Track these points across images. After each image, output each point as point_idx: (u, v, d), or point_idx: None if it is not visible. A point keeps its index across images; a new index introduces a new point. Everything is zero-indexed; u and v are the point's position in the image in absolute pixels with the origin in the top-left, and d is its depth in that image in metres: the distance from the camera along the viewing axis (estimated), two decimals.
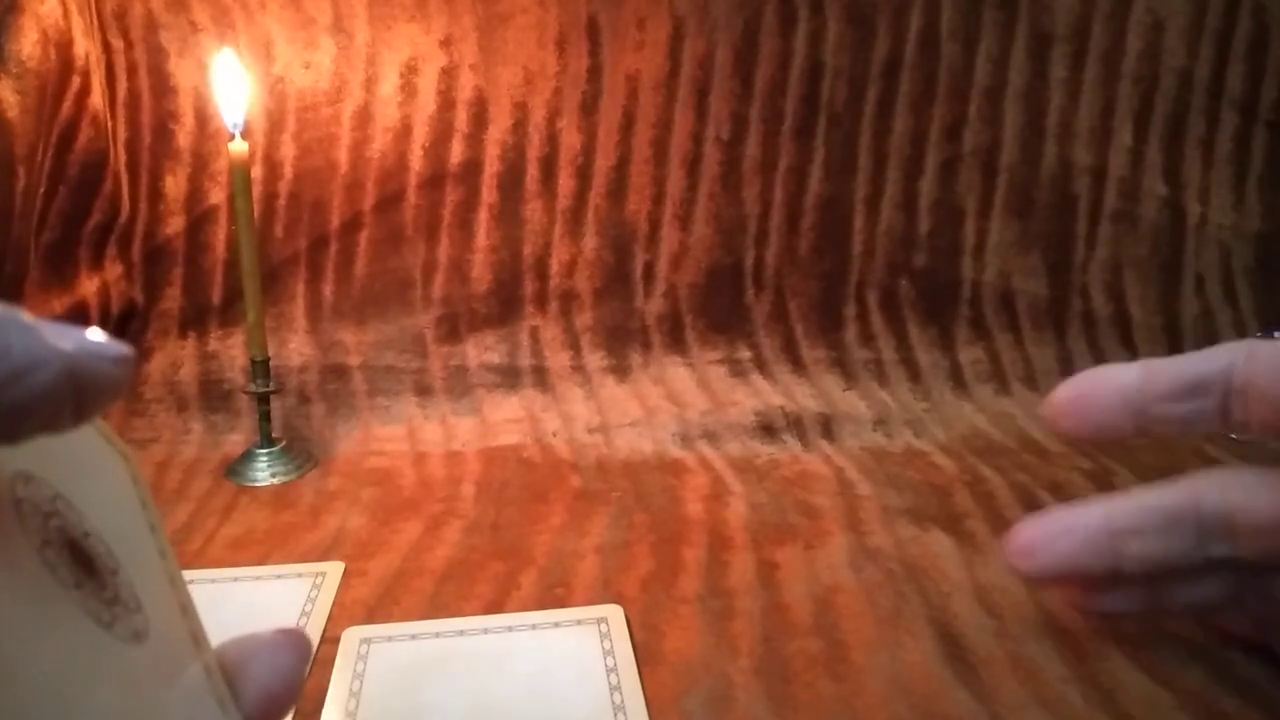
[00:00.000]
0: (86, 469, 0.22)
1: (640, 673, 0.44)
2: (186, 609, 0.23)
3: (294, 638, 0.24)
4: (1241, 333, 0.74)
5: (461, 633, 0.47)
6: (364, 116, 0.73)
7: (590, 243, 0.75)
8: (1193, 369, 0.40)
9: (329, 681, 0.44)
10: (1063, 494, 0.60)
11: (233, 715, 0.22)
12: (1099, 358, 0.75)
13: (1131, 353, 0.75)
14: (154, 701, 0.21)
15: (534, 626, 0.47)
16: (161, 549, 0.23)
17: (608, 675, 0.43)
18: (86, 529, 0.21)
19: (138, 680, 0.20)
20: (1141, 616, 0.46)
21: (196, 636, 0.23)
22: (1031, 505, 0.59)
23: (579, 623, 0.47)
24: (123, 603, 0.21)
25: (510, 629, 0.47)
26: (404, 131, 0.73)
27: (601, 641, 0.46)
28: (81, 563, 0.21)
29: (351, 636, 0.47)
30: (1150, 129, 0.77)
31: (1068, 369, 0.74)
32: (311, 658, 0.23)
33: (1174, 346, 0.75)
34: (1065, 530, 0.43)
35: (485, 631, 0.47)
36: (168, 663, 0.21)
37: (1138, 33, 0.76)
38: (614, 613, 0.48)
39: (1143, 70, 0.76)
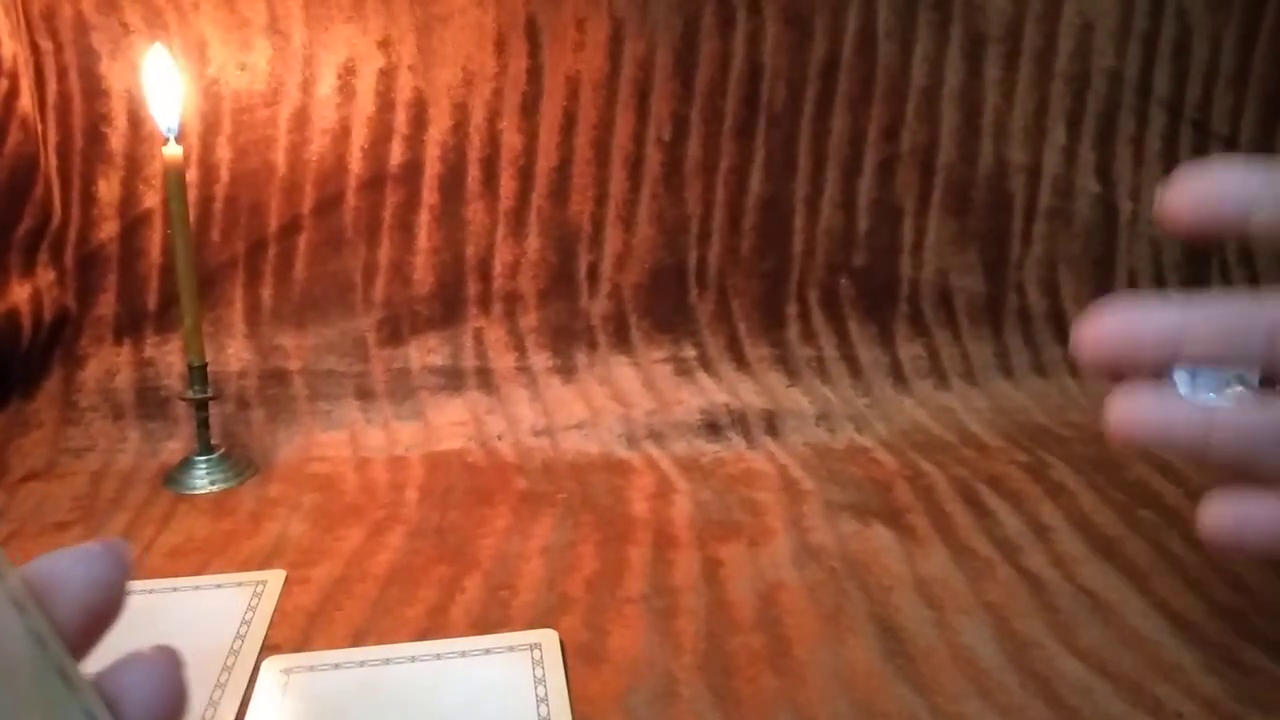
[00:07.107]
0: None
1: (571, 696, 0.43)
2: None
3: (111, 546, 0.22)
4: None
5: (388, 661, 0.45)
6: (301, 118, 0.72)
7: (533, 244, 0.75)
8: (1236, 315, 0.34)
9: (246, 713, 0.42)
10: (1000, 486, 0.61)
11: (46, 633, 0.21)
12: (1035, 353, 0.76)
13: (1065, 348, 0.76)
14: None
15: (464, 654, 0.45)
16: None
17: (538, 706, 0.42)
18: None
19: None
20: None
21: None
22: (970, 498, 0.60)
23: (511, 649, 0.46)
24: None
25: (439, 656, 0.45)
26: (342, 133, 0.72)
27: (534, 669, 0.44)
28: None
29: (272, 666, 0.45)
30: (1083, 128, 0.79)
31: (1005, 364, 0.76)
32: (129, 565, 0.22)
33: None
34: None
35: (413, 660, 0.45)
36: None
37: (1069, 33, 0.77)
38: (548, 638, 0.46)
39: (1074, 70, 0.78)
